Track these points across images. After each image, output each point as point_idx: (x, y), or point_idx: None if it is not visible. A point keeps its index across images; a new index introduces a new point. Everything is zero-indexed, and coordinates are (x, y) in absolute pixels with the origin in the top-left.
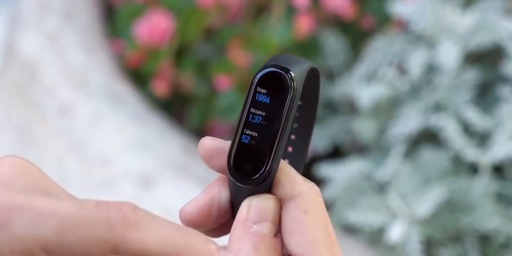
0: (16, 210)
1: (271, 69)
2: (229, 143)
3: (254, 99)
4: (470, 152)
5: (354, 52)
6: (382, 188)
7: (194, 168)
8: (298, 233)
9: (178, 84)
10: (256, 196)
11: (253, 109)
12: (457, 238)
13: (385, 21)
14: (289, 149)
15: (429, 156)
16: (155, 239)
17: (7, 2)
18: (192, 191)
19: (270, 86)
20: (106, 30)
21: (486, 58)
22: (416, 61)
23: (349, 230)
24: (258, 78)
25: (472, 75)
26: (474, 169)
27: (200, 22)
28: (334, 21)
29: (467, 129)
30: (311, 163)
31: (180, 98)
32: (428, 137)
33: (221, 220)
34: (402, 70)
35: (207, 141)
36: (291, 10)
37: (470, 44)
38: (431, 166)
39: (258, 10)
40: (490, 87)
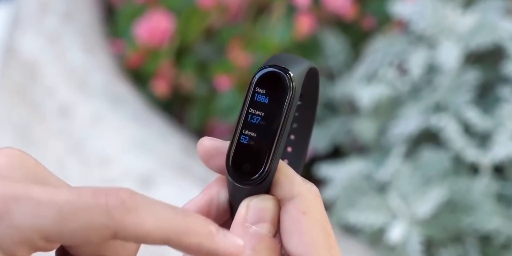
0: (14, 201)
1: (270, 69)
2: (227, 144)
3: (253, 99)
4: (471, 152)
5: (354, 52)
6: (382, 188)
7: (194, 168)
8: (297, 233)
9: (178, 84)
10: (255, 196)
11: (251, 109)
12: (457, 238)
13: (385, 21)
14: (288, 149)
15: (429, 156)
16: (154, 223)
17: (7, 2)
18: (192, 191)
19: (269, 86)
20: (106, 30)
21: (486, 59)
22: (416, 61)
23: (349, 230)
24: (257, 78)
25: (472, 76)
26: (474, 169)
27: (200, 22)
28: (334, 21)
29: (468, 129)
30: (311, 163)
31: (180, 98)
32: (428, 137)
33: (219, 220)
34: (403, 70)
35: (206, 141)
36: (292, 10)
37: (471, 44)
38: (432, 167)
39: (259, 10)
40: (491, 88)
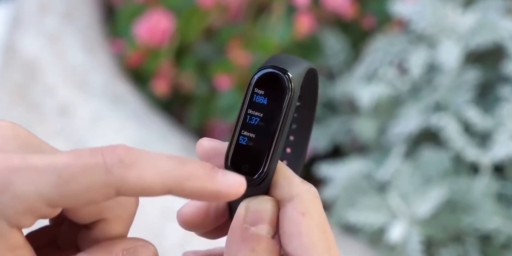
0: (14, 171)
1: (269, 70)
2: (226, 144)
3: (251, 100)
4: (471, 152)
5: (354, 52)
6: (382, 188)
7: None
8: (296, 235)
9: (178, 84)
10: (253, 197)
11: (250, 110)
12: (457, 238)
13: (385, 20)
14: (287, 150)
15: (429, 156)
16: (154, 174)
17: (7, 2)
18: None
19: (267, 87)
20: (106, 30)
21: (486, 58)
22: (416, 60)
23: (349, 230)
24: (255, 79)
25: (472, 75)
26: (474, 169)
27: (200, 22)
28: (334, 20)
29: (468, 129)
30: (311, 163)
31: (180, 98)
32: (428, 137)
33: (218, 222)
34: (403, 70)
35: (205, 142)
36: (292, 10)
37: (471, 44)
38: (432, 166)
39: (258, 10)
40: (491, 87)
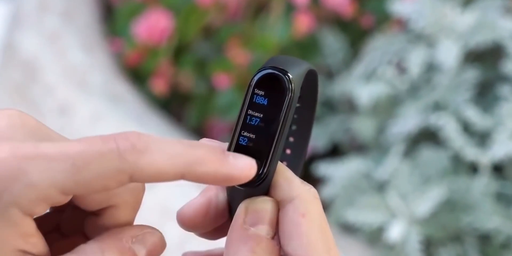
0: (27, 160)
1: (269, 70)
2: (226, 145)
3: (251, 101)
4: (470, 151)
5: (353, 50)
6: (381, 187)
7: None
8: (295, 236)
9: (177, 82)
10: (253, 198)
11: (250, 111)
12: (456, 237)
13: (384, 19)
14: (287, 151)
15: (428, 155)
16: (167, 159)
17: (7, 1)
18: (191, 191)
19: (268, 88)
20: (105, 29)
21: (486, 57)
22: (415, 60)
23: (348, 229)
24: (255, 79)
25: (472, 74)
26: (474, 168)
27: (199, 21)
28: (333, 19)
29: (467, 128)
30: (310, 162)
31: (179, 97)
32: (427, 136)
33: (218, 222)
34: (402, 69)
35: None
36: (290, 9)
37: (470, 43)
38: (431, 166)
39: (257, 8)
40: (490, 86)
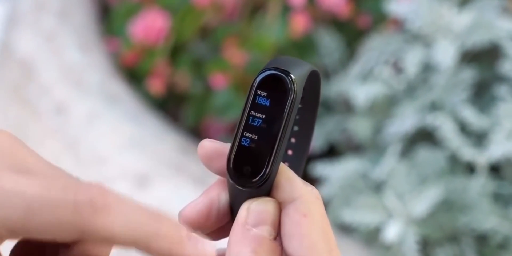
0: None
1: (271, 71)
2: (228, 146)
3: (254, 102)
4: (467, 151)
5: (349, 50)
6: (378, 187)
7: (189, 167)
8: (297, 236)
9: (174, 82)
10: (255, 199)
11: (253, 111)
12: (453, 237)
13: (381, 19)
14: (289, 152)
15: (425, 155)
16: (124, 225)
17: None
18: (187, 190)
19: (270, 89)
20: (101, 29)
21: (482, 57)
22: (412, 60)
23: (345, 229)
24: (258, 80)
25: (468, 74)
26: (470, 168)
27: (195, 21)
28: (329, 19)
29: (464, 128)
30: (307, 162)
31: (175, 97)
32: (424, 136)
33: (220, 223)
34: (398, 69)
35: (207, 143)
36: (287, 9)
37: (467, 43)
38: (428, 166)
39: (254, 9)
40: (487, 86)
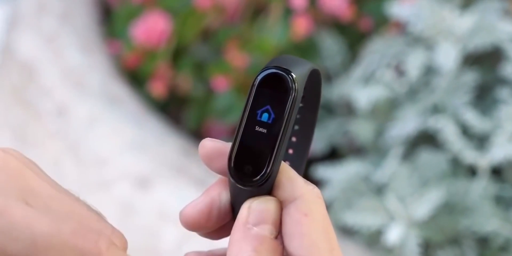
0: None
1: (272, 70)
2: (229, 145)
3: (255, 101)
4: (469, 154)
5: (351, 53)
6: (380, 190)
7: (191, 169)
8: (298, 235)
9: (175, 85)
10: (256, 198)
11: (254, 110)
12: (455, 240)
13: (383, 22)
14: (290, 151)
15: (427, 158)
16: None
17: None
18: (189, 192)
19: (271, 88)
20: (103, 31)
21: (485, 60)
22: (414, 62)
23: (346, 232)
24: (259, 79)
25: (470, 77)
26: (472, 171)
27: (197, 23)
28: (331, 22)
29: (466, 131)
30: (308, 165)
31: (177, 99)
32: (426, 139)
33: (221, 222)
34: (400, 71)
35: (208, 143)
36: (289, 12)
37: (469, 45)
38: (429, 168)
39: (256, 11)
40: (489, 89)
